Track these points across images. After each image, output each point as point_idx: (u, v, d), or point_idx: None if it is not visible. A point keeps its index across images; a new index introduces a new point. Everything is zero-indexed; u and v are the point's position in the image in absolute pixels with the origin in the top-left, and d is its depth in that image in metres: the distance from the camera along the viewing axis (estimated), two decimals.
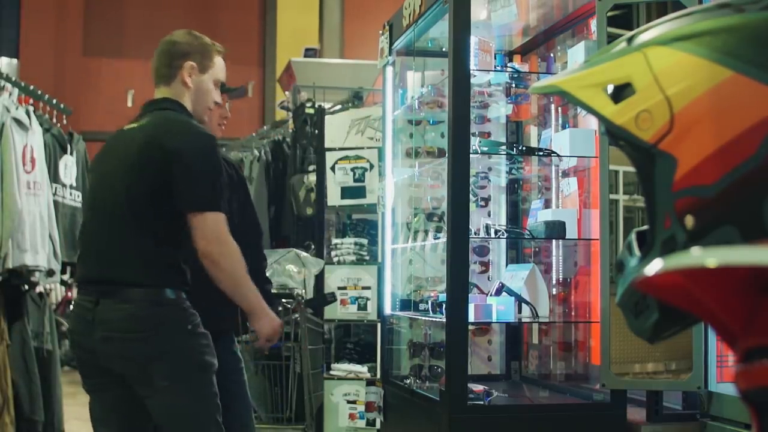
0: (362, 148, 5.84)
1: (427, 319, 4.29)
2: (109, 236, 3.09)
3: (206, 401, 3.08)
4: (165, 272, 3.05)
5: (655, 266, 0.93)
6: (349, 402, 5.47)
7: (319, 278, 5.78)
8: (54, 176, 5.72)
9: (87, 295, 3.08)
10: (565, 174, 4.31)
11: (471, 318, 3.82)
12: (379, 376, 5.02)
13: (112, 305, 3.01)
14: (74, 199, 5.95)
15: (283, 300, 5.73)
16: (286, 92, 8.01)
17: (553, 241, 4.27)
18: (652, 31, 1.13)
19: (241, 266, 3.10)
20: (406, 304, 4.49)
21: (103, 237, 3.11)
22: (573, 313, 4.33)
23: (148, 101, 3.28)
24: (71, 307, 3.72)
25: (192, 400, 3.07)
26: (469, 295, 3.86)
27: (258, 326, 3.24)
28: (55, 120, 6.02)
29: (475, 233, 4.01)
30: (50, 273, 5.46)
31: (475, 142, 3.91)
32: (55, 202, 5.67)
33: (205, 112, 3.33)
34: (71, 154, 5.94)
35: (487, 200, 4.57)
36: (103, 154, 3.27)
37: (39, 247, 5.26)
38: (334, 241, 5.97)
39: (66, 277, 6.17)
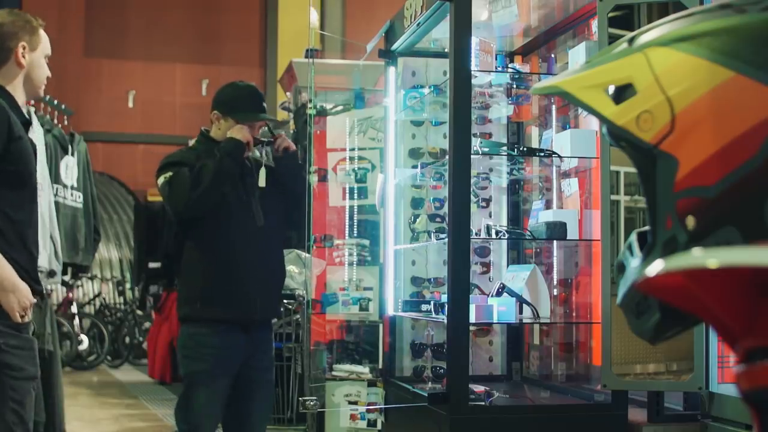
0: (364, 148, 5.84)
1: (429, 319, 4.29)
2: None
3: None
4: None
5: (656, 267, 0.93)
6: (350, 403, 5.47)
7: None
8: (55, 177, 5.72)
9: None
10: (566, 175, 4.31)
11: (472, 319, 3.82)
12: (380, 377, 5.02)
13: None
14: (75, 199, 5.95)
15: (284, 300, 5.73)
16: (287, 93, 8.00)
17: (554, 241, 4.27)
18: (653, 32, 1.12)
19: None
20: (408, 305, 4.49)
21: None
22: (574, 314, 4.33)
23: None
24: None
25: None
26: (471, 295, 3.86)
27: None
28: (56, 121, 6.02)
29: (477, 234, 4.01)
30: (51, 274, 5.44)
31: (476, 143, 3.91)
32: (56, 203, 5.67)
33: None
34: (72, 154, 5.94)
35: (488, 201, 4.57)
36: None
37: (40, 248, 5.25)
38: (336, 242, 5.96)
39: (67, 277, 6.17)
